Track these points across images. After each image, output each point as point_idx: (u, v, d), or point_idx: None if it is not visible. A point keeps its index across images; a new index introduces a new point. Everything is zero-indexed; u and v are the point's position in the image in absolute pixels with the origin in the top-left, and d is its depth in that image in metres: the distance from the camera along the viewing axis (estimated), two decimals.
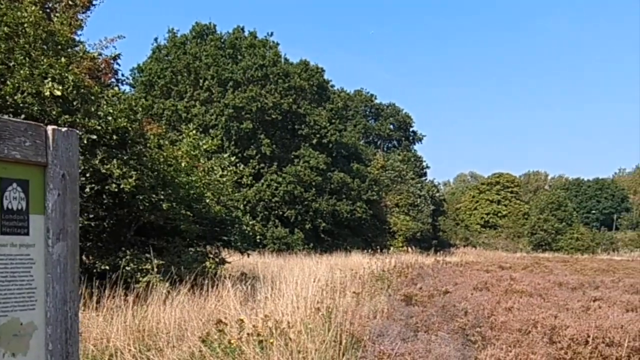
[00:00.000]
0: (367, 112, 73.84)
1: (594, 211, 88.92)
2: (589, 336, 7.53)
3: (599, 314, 9.72)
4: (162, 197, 11.51)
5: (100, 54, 14.97)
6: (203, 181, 14.31)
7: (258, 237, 32.38)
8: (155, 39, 45.33)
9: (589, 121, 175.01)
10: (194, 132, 15.53)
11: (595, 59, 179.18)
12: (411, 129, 76.17)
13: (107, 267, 10.48)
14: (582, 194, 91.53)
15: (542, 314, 9.22)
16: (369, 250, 31.07)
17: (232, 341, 6.63)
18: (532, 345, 7.37)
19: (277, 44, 45.66)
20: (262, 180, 41.34)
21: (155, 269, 10.65)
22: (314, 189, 42.86)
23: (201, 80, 41.90)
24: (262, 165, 41.92)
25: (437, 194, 70.28)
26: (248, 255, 17.77)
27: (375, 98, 73.80)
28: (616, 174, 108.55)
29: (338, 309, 8.54)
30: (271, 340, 6.59)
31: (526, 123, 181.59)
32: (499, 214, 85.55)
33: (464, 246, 70.08)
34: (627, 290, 15.44)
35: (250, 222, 17.79)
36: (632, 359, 7.19)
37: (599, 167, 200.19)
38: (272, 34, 45.90)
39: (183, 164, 13.52)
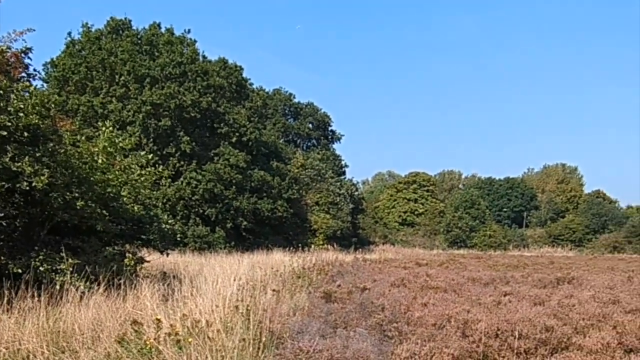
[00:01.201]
0: (286, 111, 73.85)
1: (505, 209, 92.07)
2: (499, 329, 7.83)
3: (509, 308, 10.12)
4: (76, 195, 11.18)
5: (9, 48, 14.37)
6: (120, 179, 13.98)
7: (178, 235, 31.99)
8: (69, 34, 43.74)
9: (499, 122, 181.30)
10: (111, 128, 15.11)
11: (505, 60, 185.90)
12: (330, 128, 76.69)
13: (20, 270, 10.09)
14: (494, 193, 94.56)
15: (455, 308, 9.51)
16: (290, 248, 31.13)
17: (148, 341, 6.54)
18: (446, 340, 7.61)
19: (195, 41, 45.18)
20: (182, 178, 40.74)
21: (71, 269, 10.34)
22: (234, 187, 42.61)
23: (117, 76, 40.77)
24: (181, 163, 41.29)
25: (356, 193, 71.10)
26: (167, 254, 17.48)
27: (294, 97, 73.96)
28: (525, 173, 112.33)
29: (258, 307, 8.56)
30: (189, 340, 6.55)
31: (440, 123, 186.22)
32: (416, 212, 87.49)
33: (383, 243, 71.23)
34: (535, 285, 16.14)
35: (170, 221, 17.51)
36: (538, 351, 7.52)
37: (509, 166, 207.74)
38: (189, 31, 45.31)
39: (100, 161, 13.19)
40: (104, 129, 14.86)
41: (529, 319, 8.40)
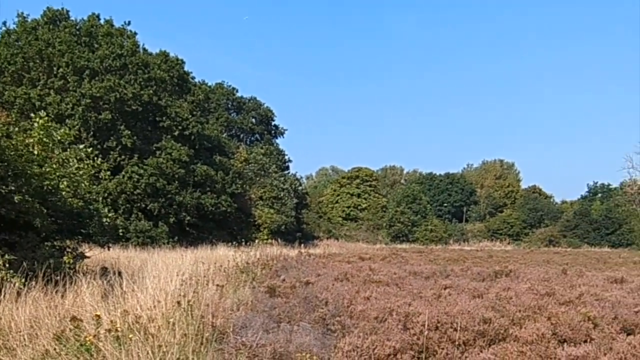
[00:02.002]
0: (229, 106, 73.22)
1: (445, 204, 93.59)
2: (439, 322, 8.00)
3: (448, 301, 10.34)
4: (12, 188, 10.88)
5: None
6: (58, 173, 13.63)
7: (120, 230, 31.39)
8: (4, 23, 42.30)
9: (440, 118, 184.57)
10: (46, 118, 14.61)
11: (444, 58, 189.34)
12: (273, 123, 76.51)
13: None
14: (434, 188, 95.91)
15: (397, 302, 9.66)
16: (235, 243, 31.02)
17: (87, 338, 6.43)
18: (388, 332, 7.72)
19: (135, 33, 44.36)
20: (123, 172, 39.96)
21: (7, 265, 10.05)
22: (177, 182, 42.10)
23: (55, 68, 39.61)
24: (122, 157, 40.51)
25: (300, 188, 71.11)
26: (109, 248, 17.19)
27: (237, 91, 73.40)
28: (465, 169, 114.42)
29: (201, 302, 8.52)
30: (130, 336, 6.47)
31: (382, 119, 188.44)
32: (359, 207, 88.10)
33: (327, 238, 71.53)
34: (474, 278, 16.52)
35: (109, 215, 17.19)
36: (477, 342, 7.72)
37: (449, 162, 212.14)
38: (129, 23, 44.42)
39: (36, 152, 12.82)
40: (38, 119, 14.35)
41: (467, 312, 8.61)
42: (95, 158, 16.91)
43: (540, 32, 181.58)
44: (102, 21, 43.79)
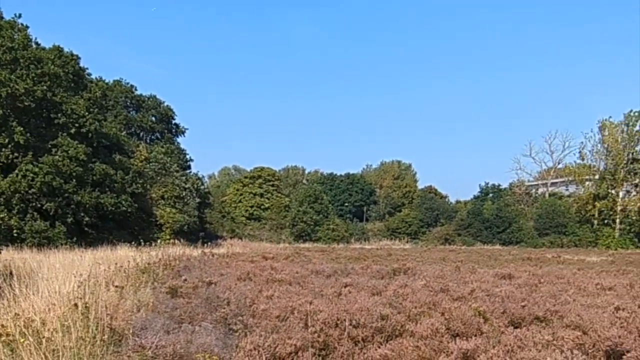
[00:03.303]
0: (128, 103, 71.13)
1: (346, 204, 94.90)
2: (339, 319, 8.26)
3: (348, 299, 10.65)
4: None
5: None
6: None
7: (15, 231, 29.97)
8: None
9: (338, 120, 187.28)
10: None
11: (342, 58, 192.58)
12: (173, 122, 75.22)
13: None
14: (335, 188, 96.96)
15: (299, 300, 9.87)
16: (136, 244, 30.40)
17: None
18: (289, 331, 7.91)
19: (27, 26, 42.32)
20: (17, 171, 38.18)
21: None
22: (74, 181, 40.65)
23: None
24: (16, 154, 38.71)
25: (202, 187, 70.26)
26: (1, 250, 16.47)
27: (136, 89, 71.48)
28: (364, 170, 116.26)
29: (99, 304, 8.40)
30: (22, 340, 6.33)
31: (283, 119, 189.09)
32: (262, 207, 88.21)
33: (231, 238, 71.12)
34: (374, 276, 17.00)
35: (2, 215, 16.50)
36: (375, 338, 8.03)
37: (349, 162, 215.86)
38: (20, 15, 42.34)
39: None
40: None
41: (366, 309, 8.92)
42: None
43: (436, 36, 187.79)
44: None
